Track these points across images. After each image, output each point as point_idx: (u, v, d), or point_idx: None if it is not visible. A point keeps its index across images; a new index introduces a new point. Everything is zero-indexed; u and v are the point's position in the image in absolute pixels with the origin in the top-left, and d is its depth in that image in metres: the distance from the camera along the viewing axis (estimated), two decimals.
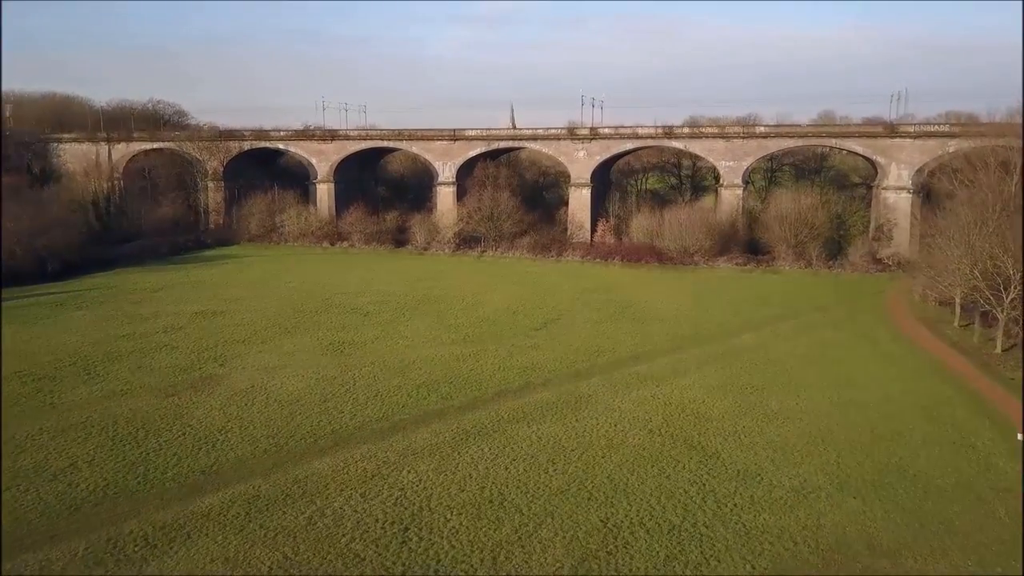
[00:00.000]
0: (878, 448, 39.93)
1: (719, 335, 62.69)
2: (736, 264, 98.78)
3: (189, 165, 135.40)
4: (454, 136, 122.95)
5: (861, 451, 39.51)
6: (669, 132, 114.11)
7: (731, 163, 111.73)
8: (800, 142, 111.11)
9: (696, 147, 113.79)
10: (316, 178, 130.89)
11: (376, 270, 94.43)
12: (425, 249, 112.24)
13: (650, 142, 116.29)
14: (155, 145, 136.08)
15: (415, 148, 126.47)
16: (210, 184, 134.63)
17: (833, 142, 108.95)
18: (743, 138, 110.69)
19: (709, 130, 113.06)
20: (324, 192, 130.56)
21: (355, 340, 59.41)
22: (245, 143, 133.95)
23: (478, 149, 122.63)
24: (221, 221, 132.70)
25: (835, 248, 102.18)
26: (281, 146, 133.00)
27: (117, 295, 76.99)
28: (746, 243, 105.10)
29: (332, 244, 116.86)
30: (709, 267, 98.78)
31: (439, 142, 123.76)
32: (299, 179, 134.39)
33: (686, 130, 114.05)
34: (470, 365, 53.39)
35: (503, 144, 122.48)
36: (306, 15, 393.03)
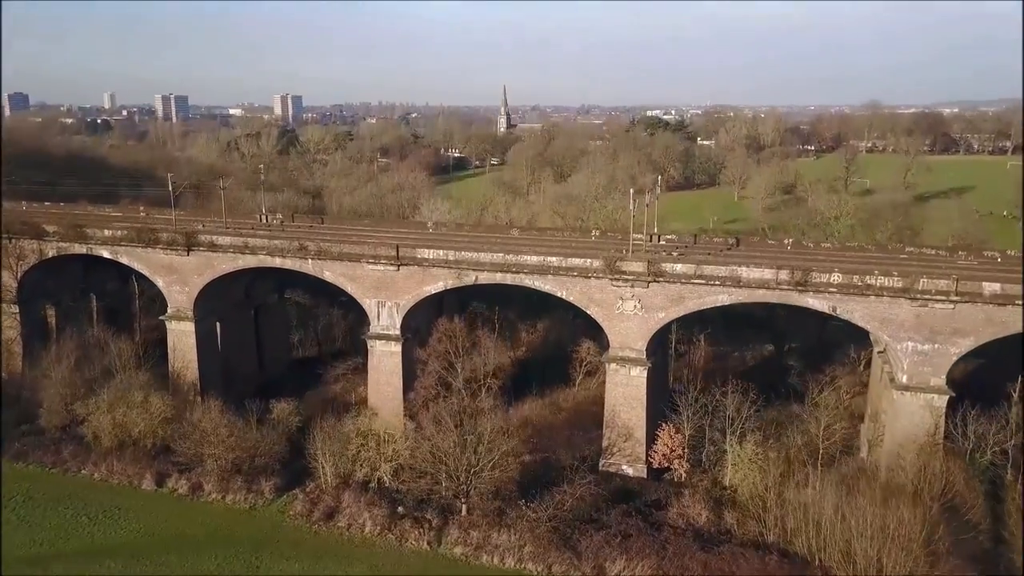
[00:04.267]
0: None
1: None
2: None
3: None
4: (399, 259, 66.29)
5: None
6: (802, 281, 57.76)
7: (925, 346, 56.07)
8: None
9: (855, 311, 57.56)
10: (167, 312, 74.39)
11: None
12: (331, 514, 55.67)
13: (762, 295, 59.72)
14: None
15: (330, 273, 69.55)
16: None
17: None
18: (953, 302, 54.82)
19: (881, 282, 56.58)
20: (180, 338, 73.87)
21: None
22: (49, 246, 76.74)
23: (440, 283, 66.23)
24: (20, 369, 76.89)
25: None
26: (105, 253, 75.65)
27: None
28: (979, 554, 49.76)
29: (161, 484, 60.22)
30: None
31: (372, 266, 67.14)
32: None
33: (835, 278, 57.47)
34: None
35: (485, 277, 65.87)
36: None
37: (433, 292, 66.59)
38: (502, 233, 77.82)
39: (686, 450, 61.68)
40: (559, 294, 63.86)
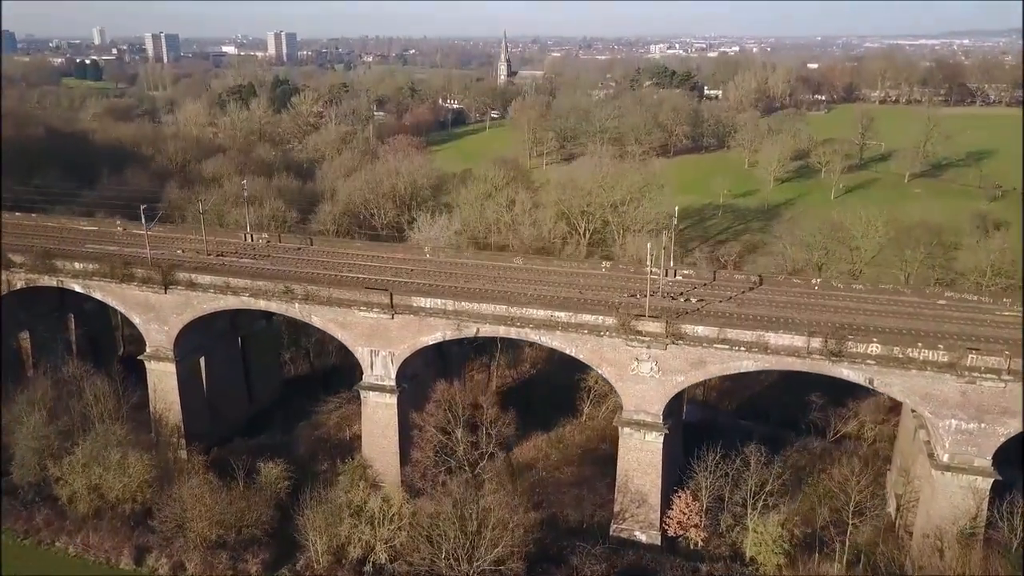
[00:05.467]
0: None
1: None
2: None
3: None
4: (393, 307, 60.50)
5: None
6: (837, 351, 52.15)
7: (970, 425, 50.92)
8: None
9: (893, 384, 52.05)
10: (146, 351, 68.97)
11: None
12: None
13: (791, 363, 53.97)
14: None
15: (319, 319, 63.87)
16: None
17: None
18: (1005, 381, 49.32)
19: (924, 355, 50.91)
20: (161, 379, 68.60)
21: None
22: (16, 278, 70.74)
23: (438, 334, 60.63)
24: None
25: None
26: (77, 287, 69.80)
27: None
28: None
29: (140, 562, 55.74)
30: None
31: (364, 313, 61.35)
32: None
33: (873, 349, 51.80)
34: None
35: (487, 330, 60.19)
36: None
37: (431, 343, 61.05)
38: (503, 262, 71.63)
39: (703, 518, 57.22)
40: (567, 351, 58.25)
